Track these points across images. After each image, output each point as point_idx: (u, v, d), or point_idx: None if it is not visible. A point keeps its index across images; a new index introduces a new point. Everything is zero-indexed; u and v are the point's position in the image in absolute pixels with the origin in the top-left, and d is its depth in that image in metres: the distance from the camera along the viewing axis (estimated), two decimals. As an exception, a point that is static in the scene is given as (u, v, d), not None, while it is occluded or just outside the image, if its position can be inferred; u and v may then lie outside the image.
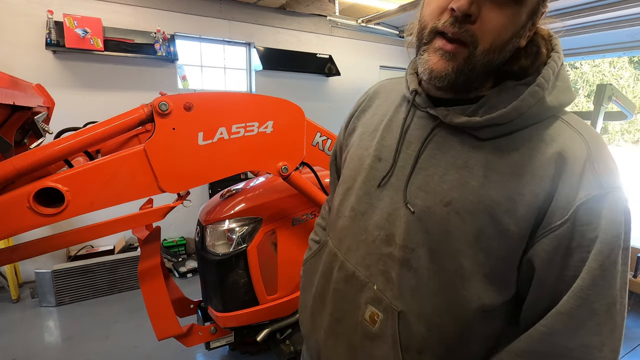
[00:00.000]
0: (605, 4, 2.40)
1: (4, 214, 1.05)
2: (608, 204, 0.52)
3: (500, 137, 0.58)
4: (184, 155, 1.25)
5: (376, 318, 0.66)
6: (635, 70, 14.46)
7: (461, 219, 0.58)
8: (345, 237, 0.74)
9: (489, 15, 0.53)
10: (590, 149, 0.55)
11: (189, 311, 1.99)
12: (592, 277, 0.51)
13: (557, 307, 0.53)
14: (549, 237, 0.54)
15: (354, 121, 0.83)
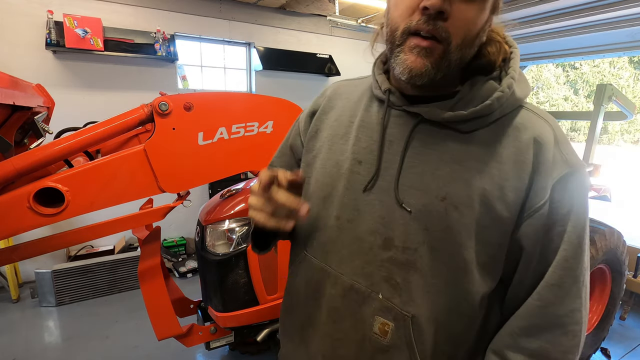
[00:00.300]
0: (605, 4, 2.40)
1: (4, 214, 1.05)
2: (576, 180, 0.58)
3: (480, 129, 0.61)
4: (184, 155, 1.25)
5: (387, 329, 0.63)
6: (635, 70, 14.46)
7: (459, 212, 0.59)
8: (333, 249, 0.69)
9: (459, 12, 0.55)
10: (555, 133, 0.61)
11: (189, 311, 1.99)
12: (573, 247, 0.58)
13: (546, 279, 0.58)
14: (534, 217, 0.58)
15: (315, 123, 0.78)
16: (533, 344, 0.59)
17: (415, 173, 0.62)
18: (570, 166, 0.58)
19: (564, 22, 2.76)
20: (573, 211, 0.58)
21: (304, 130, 0.80)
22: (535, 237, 0.59)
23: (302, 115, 0.83)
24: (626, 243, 2.46)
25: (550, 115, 0.64)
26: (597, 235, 2.16)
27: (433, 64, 0.57)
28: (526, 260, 0.61)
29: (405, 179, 0.63)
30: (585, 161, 2.54)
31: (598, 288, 2.50)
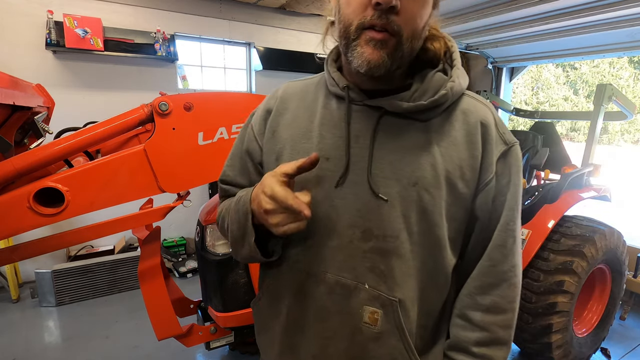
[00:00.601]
0: (605, 4, 2.40)
1: (4, 214, 1.05)
2: (512, 155, 0.68)
3: (436, 117, 0.67)
4: (184, 155, 1.25)
5: (376, 316, 0.66)
6: (635, 70, 14.46)
7: (430, 195, 0.64)
8: (313, 249, 0.69)
9: (408, 6, 0.59)
10: (494, 116, 0.69)
11: (189, 311, 1.99)
12: (512, 212, 0.68)
13: (493, 241, 0.68)
14: (485, 190, 0.67)
15: (271, 124, 0.76)
16: (487, 299, 0.69)
17: (386, 163, 0.66)
18: (507, 144, 0.68)
19: (564, 22, 2.76)
20: (511, 181, 0.68)
21: (259, 133, 0.79)
22: (486, 207, 0.68)
23: (255, 118, 0.81)
24: (626, 243, 2.46)
25: (486, 100, 0.73)
26: (597, 235, 2.16)
27: (389, 55, 0.61)
28: (478, 228, 0.69)
29: (376, 170, 0.66)
30: (585, 161, 2.54)
31: (598, 288, 2.50)
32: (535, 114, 3.55)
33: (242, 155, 0.82)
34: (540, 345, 2.16)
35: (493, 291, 0.68)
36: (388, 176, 0.65)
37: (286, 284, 0.74)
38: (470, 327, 0.70)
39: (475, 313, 0.69)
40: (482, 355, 0.69)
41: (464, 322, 0.71)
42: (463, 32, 3.31)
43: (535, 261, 2.15)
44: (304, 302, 0.71)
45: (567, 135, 16.78)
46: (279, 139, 0.75)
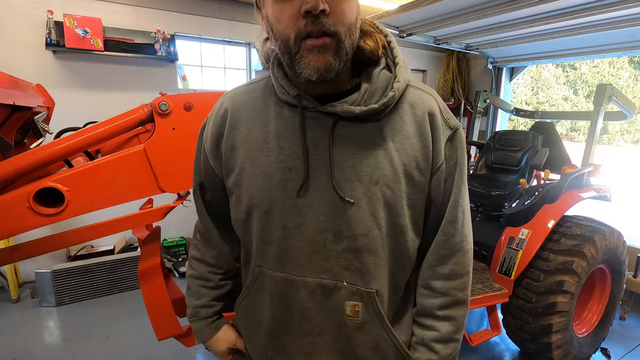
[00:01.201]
0: (605, 4, 2.40)
1: (4, 214, 1.05)
2: (457, 138, 0.74)
3: (388, 114, 0.70)
4: (184, 155, 1.24)
5: (357, 309, 0.73)
6: (635, 70, 14.45)
7: (391, 190, 0.69)
8: (289, 257, 0.73)
9: (336, 4, 0.60)
10: (438, 103, 0.74)
11: (189, 311, 1.99)
12: (459, 190, 0.74)
13: (446, 217, 0.75)
14: (437, 174, 0.72)
15: (228, 141, 0.76)
16: (445, 269, 0.77)
17: (347, 167, 0.69)
18: (452, 128, 0.73)
19: (564, 22, 2.76)
20: (458, 162, 0.74)
21: (212, 151, 0.80)
22: (439, 190, 0.74)
23: (205, 135, 0.82)
24: (626, 243, 2.46)
25: (429, 87, 0.77)
26: (597, 235, 2.16)
27: (334, 56, 0.62)
28: (434, 208, 0.75)
29: (339, 174, 0.69)
30: (585, 161, 2.54)
31: (598, 288, 2.50)
32: (535, 114, 3.55)
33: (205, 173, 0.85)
34: (540, 345, 2.16)
35: (449, 260, 0.77)
36: (351, 179, 0.69)
37: (267, 293, 0.78)
38: (433, 294, 0.78)
39: (436, 282, 0.78)
40: (445, 316, 0.78)
41: (427, 291, 0.79)
42: (463, 32, 3.31)
43: (535, 261, 2.15)
44: (287, 307, 0.76)
45: (567, 135, 16.77)
46: (237, 155, 0.76)
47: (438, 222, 0.76)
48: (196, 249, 0.94)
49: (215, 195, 0.86)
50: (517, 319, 2.21)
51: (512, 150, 2.88)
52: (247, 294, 0.82)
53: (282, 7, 0.61)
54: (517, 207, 2.34)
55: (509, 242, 2.25)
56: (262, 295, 0.79)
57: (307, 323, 0.75)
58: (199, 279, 0.93)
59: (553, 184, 2.33)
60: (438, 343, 0.78)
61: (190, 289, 0.94)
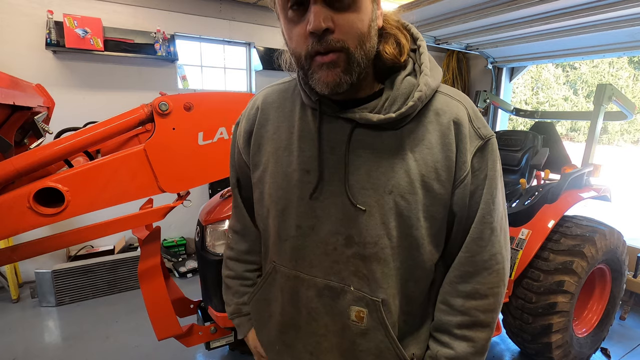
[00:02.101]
0: (605, 4, 2.40)
1: (4, 214, 1.05)
2: (488, 149, 0.70)
3: (410, 122, 0.69)
4: (184, 155, 1.25)
5: (362, 315, 0.72)
6: (635, 70, 14.45)
7: (406, 200, 0.67)
8: (301, 256, 0.75)
9: (341, 20, 0.60)
10: (469, 112, 0.70)
11: (189, 311, 1.99)
12: (487, 206, 0.70)
13: (470, 235, 0.71)
14: (461, 187, 0.69)
15: (256, 138, 0.80)
16: (467, 287, 0.73)
17: (362, 173, 0.69)
18: (483, 138, 0.69)
19: (564, 22, 2.76)
20: (488, 175, 0.70)
21: (244, 147, 0.83)
22: (463, 203, 0.70)
23: (238, 132, 0.85)
24: (626, 243, 2.46)
25: (462, 94, 0.73)
26: (597, 235, 2.16)
27: (344, 70, 0.63)
28: (458, 223, 0.72)
29: (353, 180, 0.69)
30: (585, 161, 2.54)
31: (598, 288, 2.50)
32: (535, 114, 3.55)
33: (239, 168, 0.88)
34: (540, 345, 2.16)
35: (473, 279, 0.73)
36: (365, 186, 0.69)
37: (278, 288, 0.80)
38: (451, 311, 0.75)
39: (456, 299, 0.74)
40: (463, 336, 0.74)
41: (445, 307, 0.76)
42: (463, 32, 3.31)
43: (535, 261, 2.15)
44: (296, 304, 0.77)
45: (567, 135, 16.77)
46: (263, 152, 0.79)
47: (463, 237, 0.73)
48: (230, 248, 0.96)
49: (249, 190, 0.88)
50: (517, 319, 2.21)
51: (512, 150, 2.88)
52: (261, 286, 0.84)
53: (292, 26, 0.63)
54: (517, 207, 2.34)
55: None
56: (274, 290, 0.81)
57: (314, 322, 0.76)
58: (237, 278, 0.95)
59: (553, 184, 2.33)
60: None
61: (231, 289, 0.96)
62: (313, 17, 0.58)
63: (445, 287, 0.76)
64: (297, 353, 0.80)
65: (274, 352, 0.85)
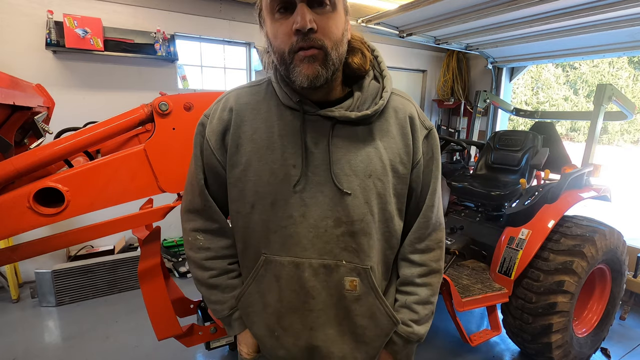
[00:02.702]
0: (605, 4, 2.40)
1: (4, 214, 1.05)
2: (431, 136, 0.89)
3: (377, 118, 0.84)
4: (184, 155, 1.25)
5: (355, 284, 0.84)
6: (635, 70, 14.45)
7: (381, 181, 0.82)
8: (295, 242, 0.82)
9: (322, 22, 0.72)
10: (417, 109, 0.89)
11: (189, 311, 1.99)
12: (436, 179, 0.90)
13: (426, 203, 0.89)
14: (417, 168, 0.87)
15: (233, 138, 0.84)
16: (422, 245, 0.92)
17: (344, 163, 0.81)
18: (427, 128, 0.88)
19: (564, 22, 2.76)
20: (434, 157, 0.89)
21: (218, 147, 0.86)
22: (418, 180, 0.88)
23: (208, 132, 0.86)
24: (626, 243, 2.46)
25: (407, 94, 0.92)
26: (597, 235, 2.16)
27: (321, 65, 0.73)
28: (414, 196, 0.90)
29: (337, 169, 0.80)
30: (585, 161, 2.54)
31: (598, 288, 2.50)
32: (535, 114, 3.55)
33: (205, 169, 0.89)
34: (540, 345, 2.16)
35: (426, 238, 0.91)
36: (348, 173, 0.81)
37: (273, 277, 0.85)
38: (412, 266, 0.93)
39: (414, 255, 0.92)
40: (424, 283, 0.92)
41: (407, 264, 0.93)
42: (463, 32, 3.31)
43: (535, 261, 2.16)
44: (294, 287, 0.84)
45: (567, 135, 16.76)
46: (243, 152, 0.83)
47: (418, 207, 0.91)
48: (204, 249, 0.93)
49: (218, 189, 0.90)
50: (517, 319, 2.21)
51: (512, 150, 2.88)
52: (252, 281, 0.88)
53: (278, 26, 0.73)
54: (517, 207, 2.34)
55: (509, 242, 2.25)
56: (268, 280, 0.86)
57: (312, 300, 0.84)
58: (223, 274, 0.94)
59: (553, 184, 2.33)
60: (418, 305, 0.92)
61: (219, 287, 0.94)
62: (300, 17, 0.69)
63: (406, 247, 0.93)
64: (297, 332, 0.87)
65: (273, 338, 0.89)
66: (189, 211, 0.94)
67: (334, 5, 0.73)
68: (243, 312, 0.93)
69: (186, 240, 0.96)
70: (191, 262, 0.95)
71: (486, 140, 3.28)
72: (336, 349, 0.87)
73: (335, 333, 0.87)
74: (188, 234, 0.95)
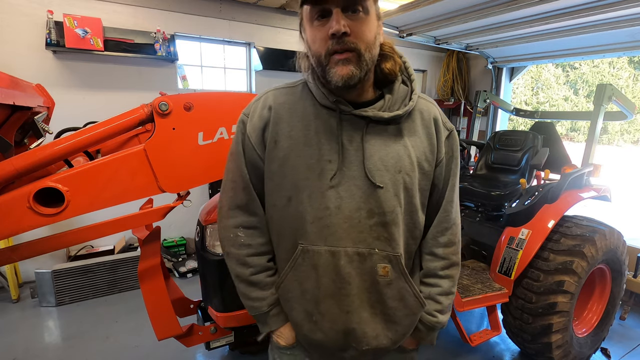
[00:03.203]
0: (605, 4, 2.40)
1: (4, 214, 1.05)
2: (452, 137, 0.97)
3: (404, 120, 0.92)
4: (184, 155, 1.25)
5: (387, 269, 0.91)
6: (635, 70, 14.45)
7: (409, 177, 0.90)
8: (331, 232, 0.88)
9: (355, 27, 0.79)
10: (438, 111, 0.97)
11: (189, 311, 1.99)
12: (455, 177, 0.98)
13: (446, 199, 0.98)
14: (440, 165, 0.95)
15: (272, 135, 0.91)
16: (444, 239, 0.99)
17: (377, 159, 0.88)
18: (449, 130, 0.97)
19: (564, 22, 2.76)
20: (453, 155, 0.97)
21: (258, 143, 0.93)
22: (440, 177, 0.96)
23: (249, 129, 0.93)
24: (626, 243, 2.46)
25: (430, 97, 0.99)
26: (597, 235, 2.16)
27: (355, 66, 0.81)
28: (436, 191, 0.97)
29: (370, 165, 0.87)
30: (585, 161, 2.54)
31: (598, 288, 2.50)
32: (535, 114, 3.55)
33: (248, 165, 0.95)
34: (540, 345, 2.16)
35: (447, 232, 0.99)
36: (380, 168, 0.87)
37: (310, 266, 0.91)
38: (436, 259, 1.00)
39: (438, 249, 1.00)
40: (446, 275, 1.01)
41: (431, 257, 1.01)
42: (463, 32, 3.31)
43: (535, 261, 2.16)
44: (330, 274, 0.90)
45: (567, 135, 16.76)
46: (280, 148, 0.90)
47: (439, 202, 0.98)
48: (244, 246, 0.97)
49: (257, 183, 0.96)
50: (517, 319, 2.21)
51: (512, 150, 2.88)
52: (290, 270, 0.93)
53: (316, 32, 0.81)
54: (517, 207, 2.34)
55: (509, 242, 2.25)
56: (305, 268, 0.91)
57: (348, 285, 0.90)
58: (262, 271, 0.98)
59: (553, 184, 2.33)
60: (441, 296, 1.00)
61: (258, 284, 0.97)
62: (335, 22, 0.77)
63: (429, 241, 1.00)
64: (334, 317, 0.92)
65: (312, 322, 0.94)
66: (232, 207, 0.98)
67: (366, 10, 0.80)
68: (282, 298, 0.98)
69: (227, 237, 0.99)
70: (232, 258, 0.98)
71: (486, 140, 3.28)
72: (370, 329, 0.94)
73: (368, 315, 0.93)
74: (229, 230, 0.98)
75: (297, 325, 0.98)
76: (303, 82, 0.95)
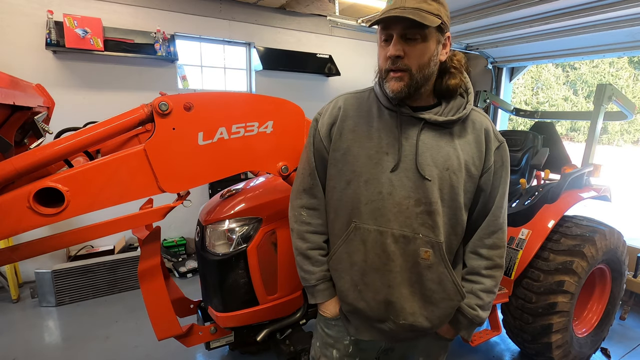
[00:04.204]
0: (605, 4, 2.40)
1: (4, 214, 1.05)
2: (503, 148, 1.08)
3: (457, 126, 1.05)
4: (184, 155, 1.25)
5: (428, 254, 1.02)
6: (635, 70, 14.45)
7: (456, 176, 1.01)
8: (381, 214, 1.02)
9: (410, 51, 0.96)
10: (491, 124, 1.09)
11: (189, 311, 1.99)
12: (505, 185, 1.08)
13: (496, 204, 1.07)
14: (488, 172, 1.06)
15: (338, 129, 1.10)
16: (490, 241, 1.09)
17: (428, 155, 1.01)
18: (500, 141, 1.07)
19: (564, 22, 2.76)
20: (504, 165, 1.08)
21: (326, 136, 1.12)
22: (488, 182, 1.06)
23: (320, 124, 1.14)
24: (626, 243, 2.46)
25: (484, 112, 1.11)
26: (597, 235, 2.16)
27: (405, 84, 0.99)
28: (483, 196, 1.08)
29: (421, 160, 1.01)
30: (585, 161, 2.54)
31: (598, 288, 2.50)
32: (535, 114, 3.55)
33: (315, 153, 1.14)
34: (540, 345, 2.16)
35: (494, 235, 1.08)
36: (430, 164, 1.01)
37: (360, 241, 1.05)
38: (480, 259, 1.10)
39: (483, 250, 1.09)
40: (489, 275, 1.09)
41: (475, 256, 1.10)
42: (463, 32, 3.31)
43: (535, 261, 2.16)
44: (377, 251, 1.03)
45: (567, 135, 16.77)
46: (344, 139, 1.08)
47: (486, 207, 1.08)
48: (306, 223, 1.16)
49: (321, 170, 1.14)
50: (517, 319, 2.21)
51: (512, 150, 2.88)
52: (342, 243, 1.09)
53: (381, 51, 1.01)
54: (517, 207, 2.34)
55: (509, 242, 2.25)
56: (356, 243, 1.06)
57: (391, 262, 1.03)
58: (317, 249, 1.16)
59: (553, 184, 2.33)
60: (483, 292, 1.09)
61: (312, 259, 1.15)
62: (392, 47, 0.96)
63: (475, 241, 1.10)
64: (377, 288, 1.05)
65: (356, 292, 1.08)
66: (299, 190, 1.18)
67: (424, 37, 0.95)
68: (333, 269, 1.13)
69: (293, 215, 1.19)
70: (295, 233, 1.18)
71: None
72: (407, 306, 1.05)
73: (408, 292, 1.05)
74: (295, 209, 1.18)
75: (342, 294, 1.11)
76: (371, 88, 1.14)
